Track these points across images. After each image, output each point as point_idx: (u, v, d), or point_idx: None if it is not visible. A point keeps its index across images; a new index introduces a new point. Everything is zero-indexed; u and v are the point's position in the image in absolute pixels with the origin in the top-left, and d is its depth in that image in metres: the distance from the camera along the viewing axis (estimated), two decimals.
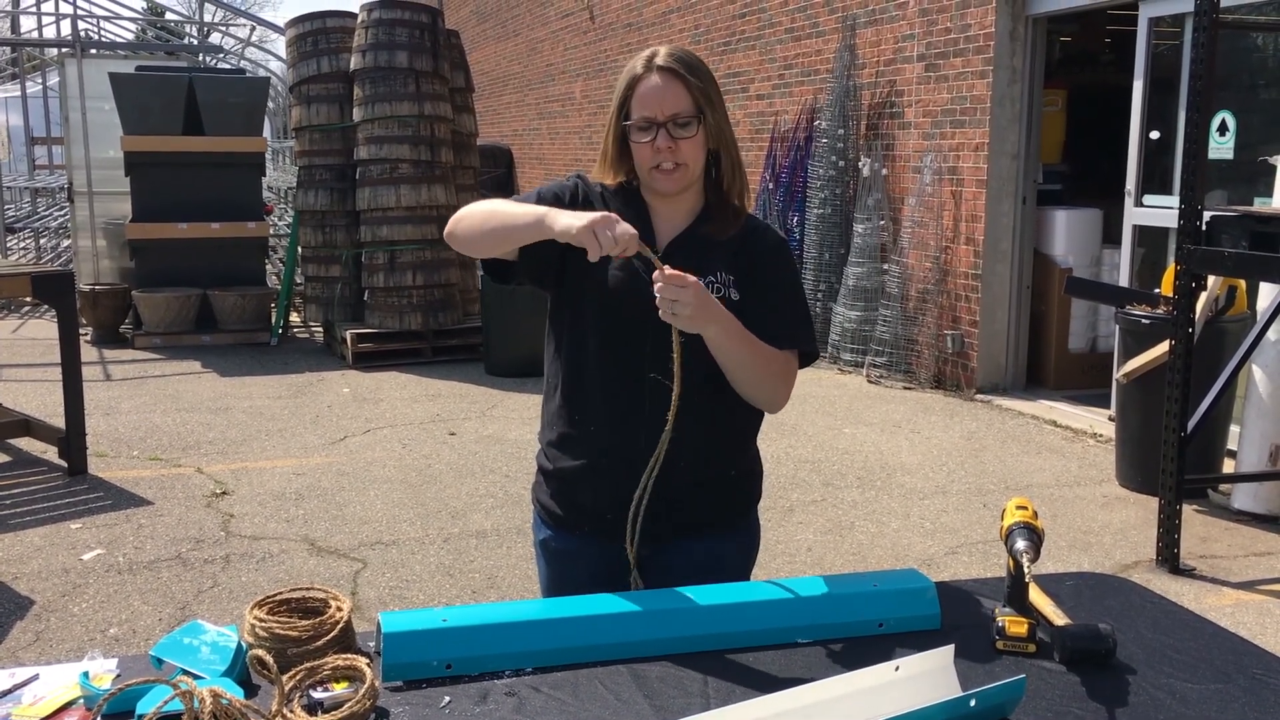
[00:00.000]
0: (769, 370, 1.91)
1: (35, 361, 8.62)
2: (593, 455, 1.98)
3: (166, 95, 9.63)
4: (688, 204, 2.00)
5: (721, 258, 1.96)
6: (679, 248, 1.96)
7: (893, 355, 8.22)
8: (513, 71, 19.46)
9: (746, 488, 2.12)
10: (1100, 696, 1.53)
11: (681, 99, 1.89)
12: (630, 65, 1.95)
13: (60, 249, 13.45)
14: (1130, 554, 4.74)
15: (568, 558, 2.05)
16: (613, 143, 1.98)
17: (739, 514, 2.11)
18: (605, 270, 1.93)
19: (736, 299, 1.94)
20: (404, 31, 8.93)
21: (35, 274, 5.78)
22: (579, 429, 1.99)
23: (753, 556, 2.14)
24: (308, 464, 5.96)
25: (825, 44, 9.30)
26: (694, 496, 1.97)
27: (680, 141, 1.90)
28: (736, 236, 1.99)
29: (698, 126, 1.90)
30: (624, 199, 2.00)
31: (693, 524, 1.99)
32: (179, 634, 1.56)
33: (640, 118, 1.90)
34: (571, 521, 2.03)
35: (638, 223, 1.94)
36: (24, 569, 4.41)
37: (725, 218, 1.99)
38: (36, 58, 18.76)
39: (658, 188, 1.95)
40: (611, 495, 1.95)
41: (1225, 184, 6.57)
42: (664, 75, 1.90)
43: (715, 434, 1.98)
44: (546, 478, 2.08)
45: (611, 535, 1.97)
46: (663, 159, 1.90)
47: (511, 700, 1.50)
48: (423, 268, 8.94)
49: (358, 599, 4.15)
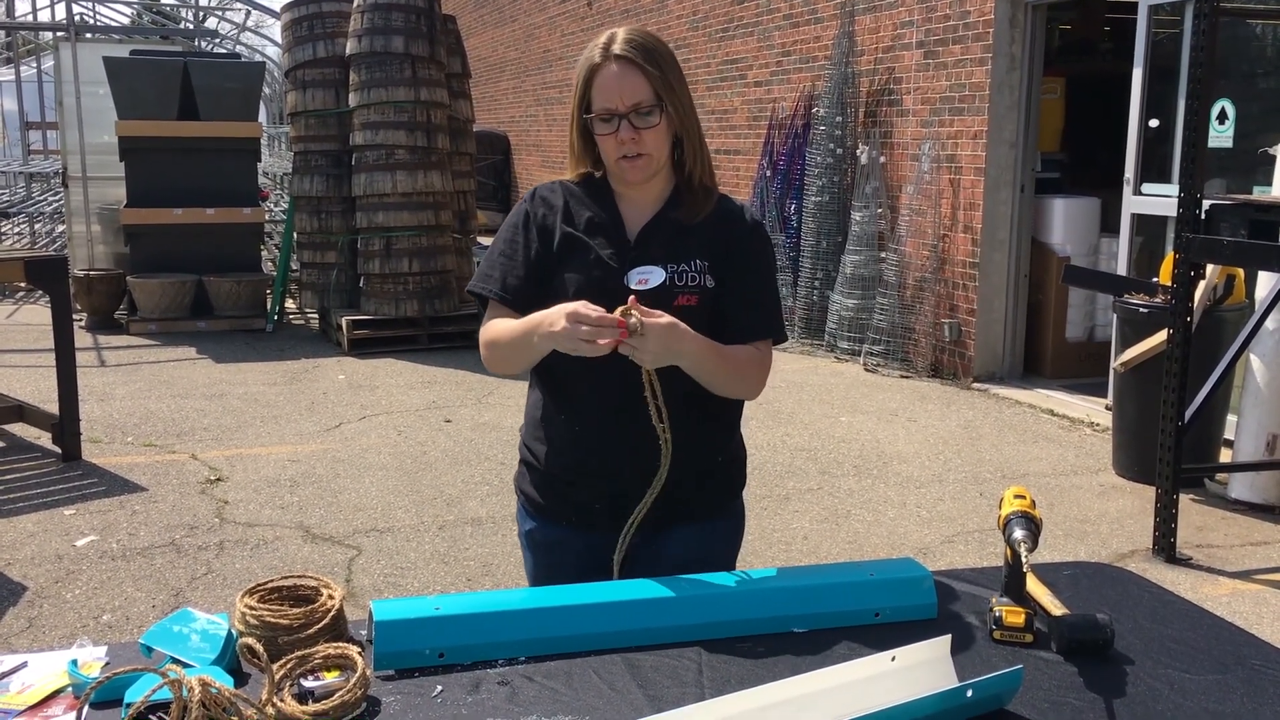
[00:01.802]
0: (743, 373, 1.93)
1: (29, 347, 8.59)
2: (579, 449, 1.97)
3: (161, 80, 9.57)
4: (655, 190, 1.98)
5: (696, 243, 1.94)
6: (650, 235, 1.95)
7: (890, 344, 8.21)
8: (509, 58, 19.40)
9: (734, 473, 2.11)
10: (1097, 686, 1.52)
11: (640, 88, 1.86)
12: (587, 53, 1.91)
13: (55, 234, 13.40)
14: (1127, 543, 4.74)
15: (554, 548, 2.05)
16: (577, 136, 1.97)
17: (727, 500, 2.10)
18: (577, 268, 1.92)
19: (712, 285, 1.92)
20: (400, 16, 8.88)
21: (29, 259, 5.75)
22: (564, 423, 1.98)
23: (739, 541, 2.13)
24: (303, 451, 5.94)
25: (824, 30, 9.26)
26: (684, 486, 1.95)
27: (643, 131, 1.87)
28: (711, 219, 1.97)
29: (660, 115, 1.88)
30: (588, 192, 1.99)
31: (683, 512, 1.98)
32: (169, 622, 1.54)
33: (601, 109, 1.88)
34: (558, 512, 2.03)
35: (605, 213, 1.94)
36: (17, 555, 4.40)
37: (695, 200, 1.97)
38: (31, 42, 18.68)
39: (625, 178, 1.94)
40: (599, 487, 1.95)
41: (1224, 173, 6.55)
42: (621, 64, 1.87)
43: (704, 425, 1.97)
44: (530, 469, 2.07)
45: (598, 525, 1.96)
46: (626, 149, 1.88)
47: (504, 689, 1.49)
48: (419, 254, 8.92)
49: (352, 586, 4.14)
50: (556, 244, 1.94)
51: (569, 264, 1.93)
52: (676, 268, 1.91)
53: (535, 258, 1.95)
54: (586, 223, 1.95)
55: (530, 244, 1.96)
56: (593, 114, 1.89)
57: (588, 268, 1.92)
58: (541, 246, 1.95)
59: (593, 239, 1.94)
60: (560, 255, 1.94)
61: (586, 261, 1.92)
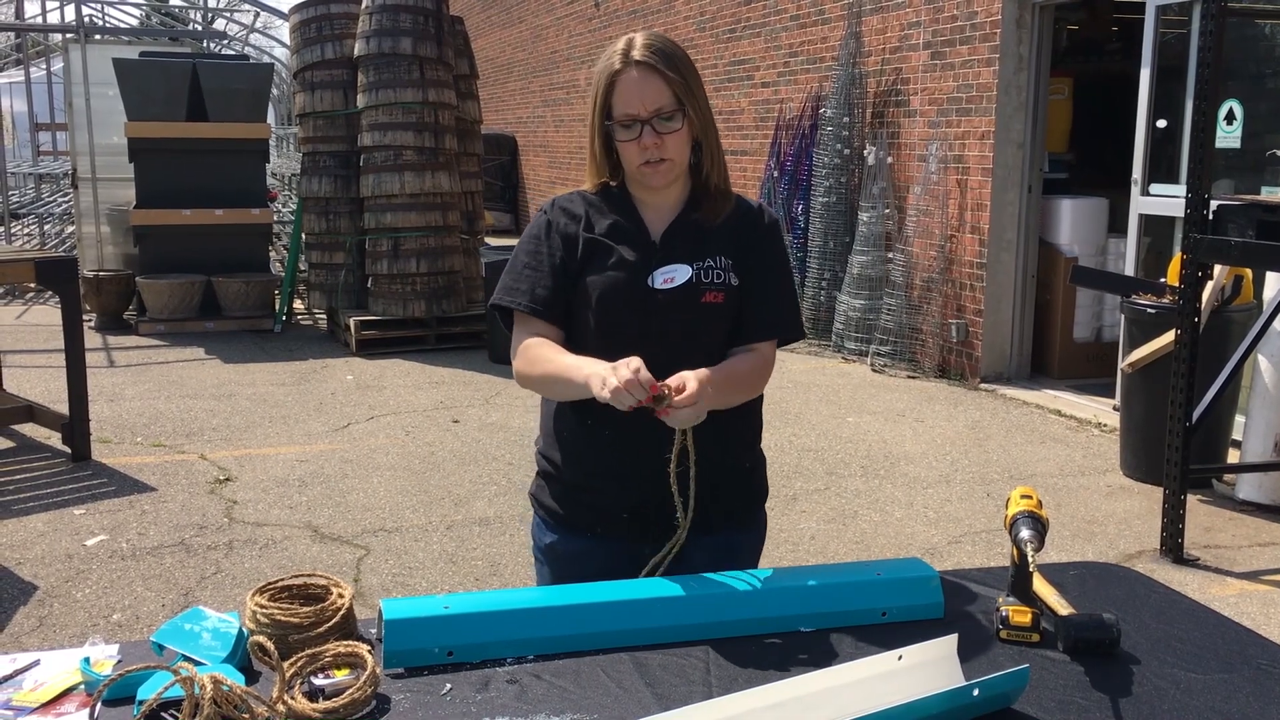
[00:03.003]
0: (751, 384, 1.96)
1: (39, 348, 8.62)
2: (606, 460, 1.96)
3: (170, 81, 9.61)
4: (674, 194, 1.99)
5: (718, 242, 1.95)
6: (673, 237, 1.95)
7: (897, 344, 8.20)
8: (517, 59, 19.42)
9: (757, 481, 2.13)
10: (1104, 686, 1.52)
11: (662, 93, 1.86)
12: (606, 59, 1.90)
13: (64, 235, 13.45)
14: (1134, 544, 4.73)
15: (575, 559, 2.01)
16: (599, 144, 1.95)
17: (752, 508, 2.12)
18: (601, 271, 1.92)
19: (736, 283, 1.93)
20: (408, 18, 8.90)
21: (39, 260, 5.77)
22: (590, 433, 1.97)
23: (760, 550, 2.15)
24: (311, 451, 5.96)
25: (831, 31, 9.26)
26: (711, 494, 1.96)
27: (665, 136, 1.88)
28: (731, 219, 1.98)
29: (681, 120, 1.89)
30: (608, 202, 1.99)
31: (709, 520, 1.98)
32: (180, 620, 1.56)
33: (623, 115, 1.88)
34: (579, 522, 2.01)
35: (626, 219, 1.94)
36: (27, 554, 4.42)
37: (714, 203, 1.98)
38: (40, 43, 18.75)
39: (648, 183, 1.94)
40: (626, 498, 1.94)
41: (1232, 173, 6.54)
42: (642, 70, 1.86)
43: (729, 433, 1.98)
44: (549, 480, 2.05)
45: (621, 534, 1.96)
46: (649, 154, 1.88)
47: (513, 688, 1.50)
48: (426, 255, 8.93)
49: (360, 586, 4.15)
50: (580, 251, 1.94)
51: (593, 268, 1.92)
52: (701, 265, 1.92)
53: (561, 265, 1.94)
54: (609, 228, 1.95)
55: (554, 252, 1.95)
56: (614, 120, 1.89)
57: (612, 270, 1.92)
58: (565, 254, 1.94)
59: (616, 243, 1.93)
60: (584, 262, 1.93)
61: (611, 264, 1.92)
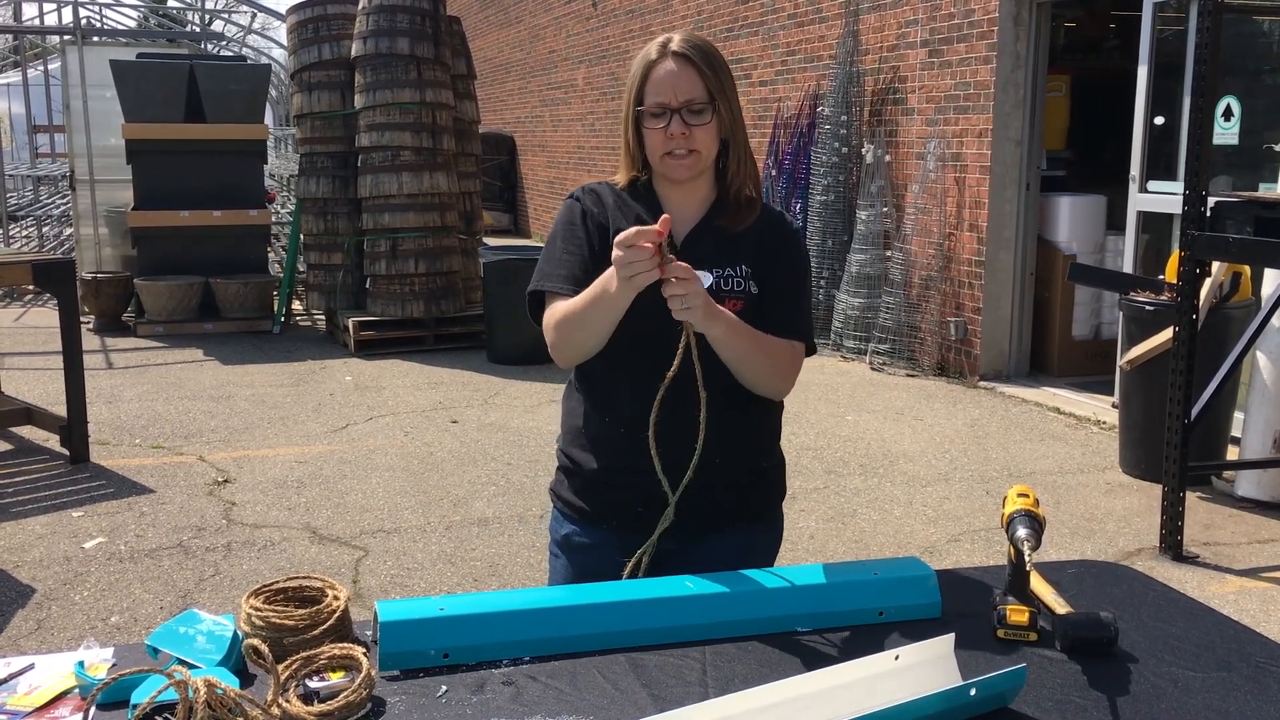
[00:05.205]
0: (774, 361, 1.92)
1: (37, 350, 8.62)
2: (625, 454, 1.95)
3: (168, 83, 9.60)
4: (700, 195, 1.99)
5: (741, 250, 1.95)
6: (696, 240, 1.96)
7: (895, 342, 8.20)
8: (515, 59, 19.41)
9: (776, 481, 2.12)
10: (1102, 685, 1.52)
11: (695, 85, 1.88)
12: (644, 51, 1.94)
13: (62, 237, 13.46)
14: (1133, 541, 4.73)
15: (591, 550, 2.04)
16: (632, 133, 1.96)
17: (770, 507, 2.11)
18: None
19: (757, 292, 1.94)
20: (405, 18, 8.90)
21: (36, 262, 5.76)
22: (606, 425, 1.98)
23: (777, 550, 2.14)
24: (310, 452, 5.96)
25: (828, 30, 9.26)
26: (729, 491, 1.96)
27: (694, 128, 1.89)
28: (754, 226, 1.98)
29: (711, 115, 1.90)
30: (635, 196, 2.00)
31: (727, 518, 1.98)
32: (175, 623, 1.55)
33: (654, 103, 1.89)
34: (600, 516, 2.02)
35: (652, 215, 1.94)
36: (25, 557, 4.42)
37: (739, 208, 1.98)
38: (38, 45, 18.74)
39: (670, 175, 1.94)
40: (642, 487, 1.93)
41: (1230, 170, 6.54)
42: (678, 61, 1.89)
43: (750, 429, 1.98)
44: (570, 475, 2.07)
45: (637, 529, 1.95)
46: (675, 145, 1.89)
47: (509, 689, 1.49)
48: (425, 255, 8.93)
49: (359, 587, 4.15)
50: (609, 240, 1.93)
51: None
52: (723, 272, 1.92)
53: (598, 249, 1.94)
54: (634, 222, 1.94)
55: (590, 237, 1.96)
56: (644, 107, 1.90)
57: None
58: (599, 240, 1.95)
59: None
60: (607, 252, 1.93)
61: None
